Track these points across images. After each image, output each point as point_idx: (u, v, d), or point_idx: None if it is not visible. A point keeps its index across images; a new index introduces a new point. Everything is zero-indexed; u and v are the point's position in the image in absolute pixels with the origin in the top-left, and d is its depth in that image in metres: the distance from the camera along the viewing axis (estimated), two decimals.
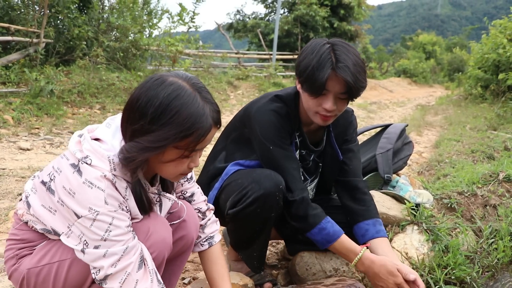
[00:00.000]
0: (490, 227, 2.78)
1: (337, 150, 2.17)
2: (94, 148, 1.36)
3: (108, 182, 1.32)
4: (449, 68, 32.33)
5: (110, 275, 1.33)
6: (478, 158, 4.88)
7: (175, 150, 1.32)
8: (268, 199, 1.84)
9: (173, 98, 1.27)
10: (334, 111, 1.90)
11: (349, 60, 1.81)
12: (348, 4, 22.56)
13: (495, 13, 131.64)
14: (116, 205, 1.33)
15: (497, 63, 11.15)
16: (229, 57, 16.29)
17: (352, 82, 1.79)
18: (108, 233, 1.31)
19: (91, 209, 1.29)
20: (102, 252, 1.32)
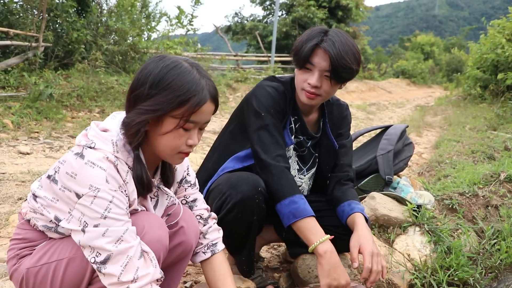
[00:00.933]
0: (492, 228, 2.77)
1: (332, 140, 2.18)
2: (98, 134, 1.41)
3: (110, 163, 1.35)
4: (448, 68, 32.39)
5: (111, 256, 1.31)
6: (478, 159, 4.88)
7: (172, 119, 1.36)
8: (247, 203, 1.83)
9: (171, 68, 1.36)
10: (318, 89, 1.92)
11: (337, 39, 1.87)
12: (346, 6, 22.58)
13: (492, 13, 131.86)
14: (116, 186, 1.35)
15: (496, 63, 11.17)
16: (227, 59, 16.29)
17: (335, 57, 1.83)
18: (108, 211, 1.31)
19: (92, 186, 1.30)
20: (102, 230, 1.30)
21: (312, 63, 1.89)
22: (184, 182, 1.76)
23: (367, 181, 2.94)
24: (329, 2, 22.61)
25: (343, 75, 1.90)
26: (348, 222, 2.02)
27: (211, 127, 7.66)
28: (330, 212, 2.14)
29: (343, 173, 2.18)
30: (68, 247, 1.42)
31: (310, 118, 2.16)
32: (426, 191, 3.25)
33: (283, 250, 2.64)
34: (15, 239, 1.55)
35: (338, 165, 2.19)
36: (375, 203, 2.64)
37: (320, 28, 1.95)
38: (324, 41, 1.87)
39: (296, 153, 2.16)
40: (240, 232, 1.92)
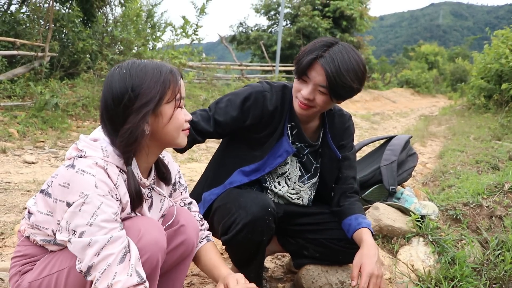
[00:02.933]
0: (496, 239, 2.76)
1: (334, 150, 2.14)
2: (88, 143, 1.45)
3: (100, 168, 1.39)
4: (452, 78, 32.37)
5: (93, 265, 1.32)
6: (482, 169, 4.87)
7: (167, 105, 1.46)
8: (257, 224, 1.82)
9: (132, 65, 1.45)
10: (311, 102, 1.90)
11: (340, 56, 1.81)
12: (350, 16, 22.66)
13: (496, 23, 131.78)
14: (106, 190, 1.37)
15: (500, 73, 11.17)
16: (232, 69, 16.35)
17: (332, 75, 1.79)
18: (94, 218, 1.33)
19: (82, 193, 1.33)
20: (87, 240, 1.32)
21: (308, 76, 1.86)
22: (178, 185, 1.81)
23: (371, 192, 2.94)
24: (333, 12, 22.70)
25: (341, 93, 1.85)
26: (354, 237, 2.00)
27: None
28: (334, 225, 2.13)
29: (348, 185, 2.16)
30: (68, 257, 1.44)
31: (309, 126, 2.12)
32: (430, 201, 3.25)
33: (287, 260, 2.64)
34: (16, 257, 1.57)
35: (342, 177, 2.17)
36: (379, 214, 2.64)
37: (326, 40, 1.90)
38: (323, 56, 1.82)
39: (297, 159, 2.15)
40: (250, 251, 1.91)
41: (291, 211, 2.15)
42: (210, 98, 11.33)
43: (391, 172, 2.95)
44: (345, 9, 22.38)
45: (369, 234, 1.96)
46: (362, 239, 1.94)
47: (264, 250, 2.00)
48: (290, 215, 2.14)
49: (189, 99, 10.65)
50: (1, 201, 3.52)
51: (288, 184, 2.11)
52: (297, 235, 2.19)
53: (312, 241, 2.15)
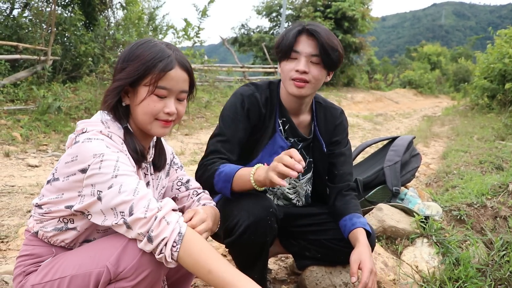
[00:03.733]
0: (501, 239, 2.75)
1: (321, 142, 2.14)
2: (86, 121, 1.52)
3: (105, 136, 1.45)
4: (455, 78, 32.31)
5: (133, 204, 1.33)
6: (486, 169, 4.85)
7: (144, 88, 1.48)
8: (259, 226, 1.81)
9: (142, 43, 1.52)
10: (307, 75, 1.90)
11: (319, 26, 1.92)
12: (352, 17, 22.63)
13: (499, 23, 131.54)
14: (117, 150, 1.43)
15: (503, 73, 11.13)
16: (234, 71, 16.36)
17: (323, 40, 1.86)
18: (117, 170, 1.36)
19: (96, 155, 1.37)
20: (117, 188, 1.34)
21: (296, 51, 1.90)
22: (173, 163, 1.83)
23: (375, 193, 2.93)
24: (335, 13, 22.68)
25: (333, 57, 1.90)
26: (350, 238, 2.00)
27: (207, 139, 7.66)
28: (333, 225, 2.12)
29: (344, 183, 2.15)
30: (71, 265, 1.43)
31: (301, 120, 2.12)
32: (434, 202, 3.24)
33: (290, 262, 2.64)
34: (22, 256, 1.57)
35: (338, 174, 2.15)
36: (382, 215, 2.63)
37: (298, 21, 2.00)
38: (306, 28, 1.91)
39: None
40: (253, 252, 1.90)
41: (292, 212, 2.15)
42: (212, 100, 11.34)
43: (395, 173, 2.94)
44: (346, 10, 22.36)
45: (363, 234, 1.96)
46: (357, 239, 1.94)
47: (268, 251, 1.99)
48: (291, 216, 2.13)
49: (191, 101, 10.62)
50: (4, 204, 3.53)
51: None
52: (299, 236, 2.18)
53: (313, 242, 2.15)
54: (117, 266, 1.37)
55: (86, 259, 1.42)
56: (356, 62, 26.07)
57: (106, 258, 1.38)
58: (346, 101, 18.00)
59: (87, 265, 1.40)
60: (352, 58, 24.99)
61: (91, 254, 1.42)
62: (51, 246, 1.54)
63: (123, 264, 1.37)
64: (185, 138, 7.66)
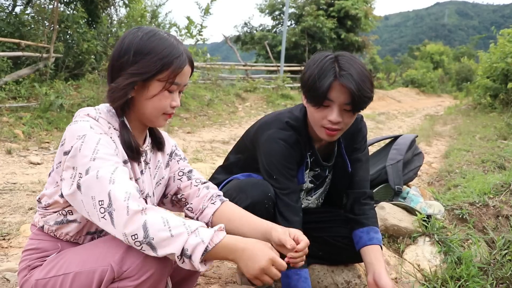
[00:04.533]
0: (503, 239, 2.75)
1: (347, 161, 2.10)
2: (81, 110, 1.51)
3: (91, 118, 1.45)
4: (457, 77, 32.24)
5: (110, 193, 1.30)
6: (488, 168, 4.84)
7: (158, 83, 1.46)
8: (256, 207, 1.81)
9: (151, 35, 1.47)
10: (339, 124, 1.83)
11: (353, 69, 1.75)
12: (355, 15, 22.58)
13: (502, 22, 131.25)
14: (101, 131, 1.42)
15: (506, 72, 11.12)
16: (236, 69, 16.35)
17: (356, 90, 1.72)
18: (96, 153, 1.34)
19: (78, 136, 1.37)
20: (94, 174, 1.31)
21: (330, 99, 1.78)
22: (174, 155, 1.80)
23: (377, 191, 2.93)
24: (338, 11, 22.64)
25: (363, 106, 1.80)
26: (362, 251, 1.97)
27: (220, 137, 7.69)
28: (338, 222, 2.12)
29: (361, 190, 2.11)
30: (75, 261, 1.43)
31: (324, 142, 2.07)
32: (436, 201, 3.24)
33: None
34: (27, 250, 1.57)
35: (355, 181, 2.11)
36: (384, 213, 2.63)
37: (328, 56, 1.82)
38: (340, 75, 1.75)
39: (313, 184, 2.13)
40: None
41: None
42: (214, 98, 11.34)
43: (397, 171, 2.94)
44: (350, 8, 22.32)
45: (380, 253, 1.94)
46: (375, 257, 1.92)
47: None
48: None
49: (194, 99, 10.66)
50: (6, 201, 3.53)
51: None
52: None
53: (316, 239, 2.14)
54: (121, 265, 1.36)
55: (90, 256, 1.41)
56: None
57: (110, 256, 1.37)
58: None
59: (92, 263, 1.39)
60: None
61: (96, 251, 1.42)
62: (57, 241, 1.54)
63: (127, 263, 1.36)
64: (187, 136, 7.67)
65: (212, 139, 7.57)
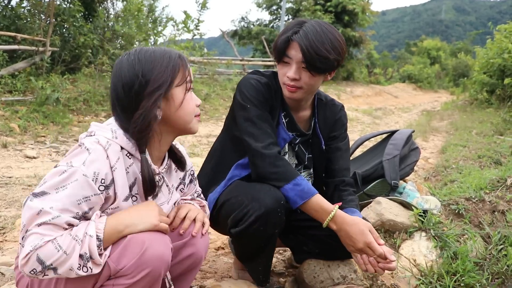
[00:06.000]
0: (499, 234, 2.75)
1: (320, 139, 2.13)
2: (99, 125, 1.47)
3: (100, 147, 1.38)
4: (454, 73, 32.27)
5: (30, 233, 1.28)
6: (485, 164, 4.85)
7: (178, 88, 1.47)
8: (270, 217, 1.79)
9: (144, 51, 1.46)
10: (298, 82, 1.89)
11: (312, 29, 1.84)
12: (352, 11, 22.57)
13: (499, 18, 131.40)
14: (91, 172, 1.34)
15: (503, 68, 11.11)
16: (234, 64, 16.32)
17: (307, 48, 1.81)
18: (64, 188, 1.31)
19: (69, 163, 1.34)
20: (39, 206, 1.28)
21: (288, 56, 1.88)
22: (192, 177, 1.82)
23: (373, 186, 2.93)
24: (335, 7, 22.63)
25: (318, 65, 1.84)
26: None
27: (217, 132, 7.67)
28: None
29: (340, 178, 2.13)
30: None
31: (300, 115, 2.11)
32: (432, 196, 3.24)
33: (288, 255, 2.64)
34: None
35: (335, 169, 2.14)
36: (381, 208, 2.63)
37: (298, 20, 1.93)
38: (297, 32, 1.85)
39: (292, 149, 2.13)
40: (260, 243, 1.89)
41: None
42: (211, 93, 11.32)
43: (394, 166, 2.93)
44: (347, 3, 22.31)
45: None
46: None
47: (275, 243, 1.97)
48: (291, 210, 2.12)
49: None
50: (2, 195, 3.52)
51: None
52: (297, 231, 2.17)
53: (312, 237, 2.14)
54: (118, 263, 1.36)
55: None
56: (356, 56, 26.04)
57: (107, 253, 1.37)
58: (345, 95, 17.99)
59: None
60: (352, 52, 24.96)
61: None
62: None
63: (123, 261, 1.36)
64: None
65: (209, 133, 7.56)
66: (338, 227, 1.85)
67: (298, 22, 1.90)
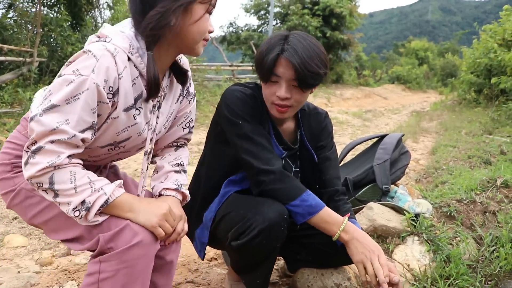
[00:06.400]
0: (490, 235, 2.76)
1: (311, 152, 2.08)
2: (116, 31, 1.42)
3: (108, 53, 1.34)
4: (442, 73, 32.55)
5: (43, 149, 1.27)
6: (475, 164, 4.88)
7: (200, 5, 1.43)
8: (273, 230, 1.76)
9: None
10: (289, 100, 1.82)
11: (299, 45, 1.76)
12: (340, 14, 22.67)
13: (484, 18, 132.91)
14: (102, 80, 1.32)
15: (489, 67, 11.23)
16: (223, 69, 16.31)
17: (299, 65, 1.72)
18: (75, 99, 1.29)
19: (77, 71, 1.30)
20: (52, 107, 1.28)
21: (277, 75, 1.78)
22: (187, 93, 1.77)
23: (365, 191, 2.93)
24: (323, 10, 22.71)
25: (310, 82, 1.78)
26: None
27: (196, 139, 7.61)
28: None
29: (333, 188, 2.10)
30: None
31: (284, 127, 2.05)
32: (424, 199, 3.25)
33: (282, 263, 2.62)
34: (12, 143, 1.52)
35: (326, 179, 2.10)
36: (373, 214, 2.63)
37: (280, 34, 1.84)
38: (285, 50, 1.75)
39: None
40: (261, 257, 1.86)
41: None
42: (201, 100, 11.29)
43: (384, 171, 2.94)
44: (334, 7, 22.40)
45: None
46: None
47: (276, 256, 1.95)
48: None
49: None
50: None
51: None
52: (292, 240, 2.16)
53: (306, 245, 2.13)
54: (108, 242, 1.36)
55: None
56: (345, 59, 26.14)
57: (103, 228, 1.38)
58: (335, 97, 18.05)
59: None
60: (340, 55, 25.06)
61: None
62: None
63: (113, 244, 1.36)
64: None
65: (199, 141, 7.53)
66: (350, 236, 1.81)
67: (280, 37, 1.81)
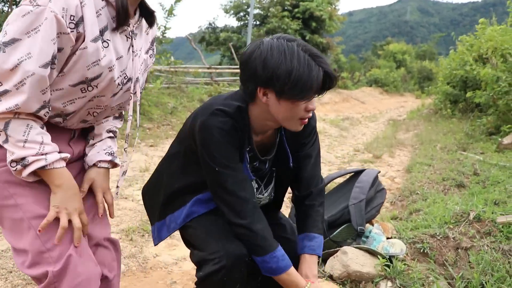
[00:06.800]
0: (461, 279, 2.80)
1: (288, 155, 1.96)
2: None
3: None
4: (419, 76, 33.03)
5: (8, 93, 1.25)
6: (448, 187, 4.96)
7: None
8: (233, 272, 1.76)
9: None
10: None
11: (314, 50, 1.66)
12: (320, 17, 22.80)
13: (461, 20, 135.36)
14: (59, 8, 1.26)
15: (465, 79, 11.42)
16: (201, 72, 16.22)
17: (331, 73, 1.64)
18: (35, 32, 1.24)
19: (33, 1, 1.25)
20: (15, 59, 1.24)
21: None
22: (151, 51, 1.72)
23: (340, 232, 2.94)
24: (303, 13, 22.81)
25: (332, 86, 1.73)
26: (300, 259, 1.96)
27: None
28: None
29: (307, 191, 2.02)
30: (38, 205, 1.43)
31: (266, 135, 1.94)
32: (398, 234, 3.28)
33: None
34: None
35: (303, 178, 2.01)
36: (347, 259, 2.64)
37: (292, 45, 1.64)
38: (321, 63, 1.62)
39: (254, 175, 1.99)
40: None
41: None
42: (178, 105, 11.19)
43: (360, 211, 2.95)
44: (314, 10, 22.52)
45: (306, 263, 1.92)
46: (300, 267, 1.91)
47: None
48: None
49: (157, 107, 10.48)
50: None
51: None
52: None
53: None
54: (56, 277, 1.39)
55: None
56: None
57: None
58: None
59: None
60: None
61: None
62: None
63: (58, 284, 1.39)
64: (150, 150, 7.38)
65: None
66: None
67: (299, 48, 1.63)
